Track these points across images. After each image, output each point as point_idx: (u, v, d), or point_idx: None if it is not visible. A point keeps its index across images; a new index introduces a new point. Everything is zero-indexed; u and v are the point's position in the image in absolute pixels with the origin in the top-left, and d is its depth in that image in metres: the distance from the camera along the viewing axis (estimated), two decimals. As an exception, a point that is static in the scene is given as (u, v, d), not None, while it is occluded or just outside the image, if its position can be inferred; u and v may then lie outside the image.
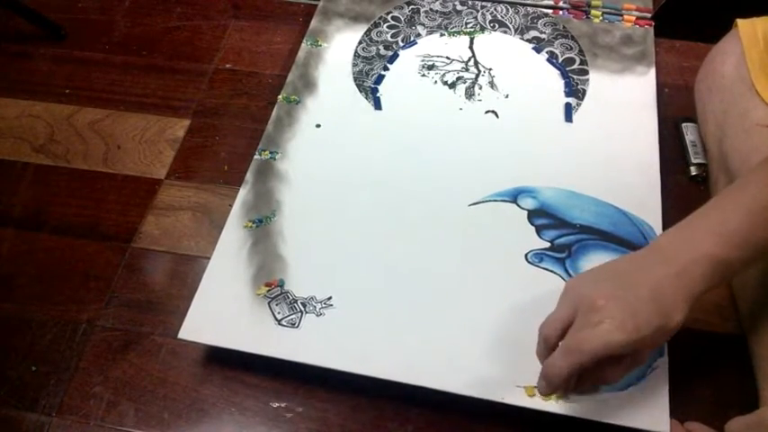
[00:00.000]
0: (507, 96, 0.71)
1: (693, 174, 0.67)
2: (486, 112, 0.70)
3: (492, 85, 0.72)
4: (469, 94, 0.72)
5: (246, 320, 0.56)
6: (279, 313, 0.57)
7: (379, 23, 0.79)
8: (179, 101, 0.77)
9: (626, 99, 0.71)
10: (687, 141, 0.69)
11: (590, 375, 0.47)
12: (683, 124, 0.70)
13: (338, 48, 0.77)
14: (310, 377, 0.56)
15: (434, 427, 0.54)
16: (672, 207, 0.63)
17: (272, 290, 0.58)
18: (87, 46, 0.83)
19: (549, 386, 0.46)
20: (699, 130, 0.68)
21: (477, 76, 0.73)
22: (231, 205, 0.64)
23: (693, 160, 0.68)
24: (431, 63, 0.75)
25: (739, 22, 0.63)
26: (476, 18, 0.79)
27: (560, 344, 0.46)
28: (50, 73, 0.81)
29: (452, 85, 0.73)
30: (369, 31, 0.78)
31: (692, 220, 0.47)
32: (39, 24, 0.83)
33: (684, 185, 0.67)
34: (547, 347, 0.47)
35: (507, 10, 0.80)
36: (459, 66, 0.74)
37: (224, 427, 0.55)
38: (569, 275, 0.58)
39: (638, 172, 0.64)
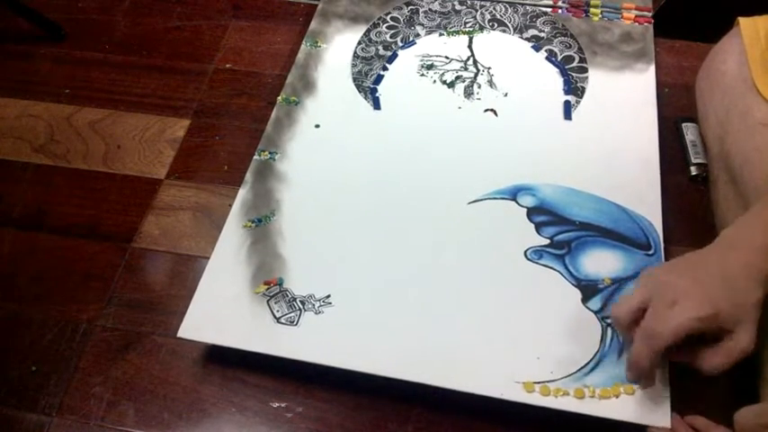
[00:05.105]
0: (506, 95, 0.71)
1: (693, 174, 0.67)
2: (486, 110, 0.70)
3: (491, 83, 0.72)
4: (468, 92, 0.72)
5: (246, 319, 0.56)
6: (278, 311, 0.57)
7: (378, 24, 0.79)
8: (179, 101, 0.77)
9: (625, 96, 0.70)
10: (687, 141, 0.69)
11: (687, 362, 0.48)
12: (683, 124, 0.70)
13: (337, 49, 0.77)
14: (310, 377, 0.56)
15: (434, 427, 0.54)
16: (672, 207, 0.63)
17: (271, 288, 0.58)
18: (87, 46, 0.83)
19: (634, 374, 0.49)
20: (699, 130, 0.68)
21: (476, 74, 0.73)
22: (231, 205, 0.64)
23: (693, 160, 0.68)
24: (430, 63, 0.75)
25: (741, 20, 0.63)
26: (475, 17, 0.79)
27: (639, 330, 0.47)
28: (50, 73, 0.81)
29: (451, 85, 0.72)
30: (368, 31, 0.78)
31: (753, 211, 0.49)
32: (39, 24, 0.83)
33: (684, 185, 0.67)
34: (619, 327, 0.50)
35: (506, 9, 0.80)
36: (458, 65, 0.74)
37: (224, 427, 0.55)
38: (569, 272, 0.58)
39: (637, 168, 0.64)
